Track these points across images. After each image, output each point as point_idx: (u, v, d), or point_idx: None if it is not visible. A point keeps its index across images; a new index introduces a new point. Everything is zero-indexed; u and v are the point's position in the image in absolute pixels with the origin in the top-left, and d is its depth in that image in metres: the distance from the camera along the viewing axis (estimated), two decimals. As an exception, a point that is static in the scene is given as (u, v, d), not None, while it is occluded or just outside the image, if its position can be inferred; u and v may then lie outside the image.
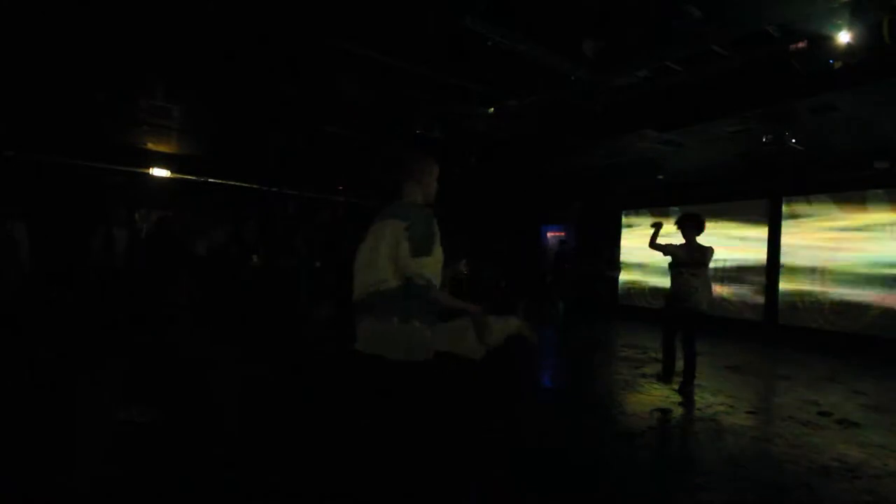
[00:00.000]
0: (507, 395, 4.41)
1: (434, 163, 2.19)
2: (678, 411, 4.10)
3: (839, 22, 3.97)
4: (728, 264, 9.13)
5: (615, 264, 10.11)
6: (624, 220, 11.24)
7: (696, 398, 4.49)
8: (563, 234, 11.95)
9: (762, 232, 8.84)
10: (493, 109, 6.51)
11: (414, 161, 2.16)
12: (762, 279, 8.74)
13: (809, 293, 8.10)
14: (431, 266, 1.94)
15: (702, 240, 4.58)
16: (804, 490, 2.71)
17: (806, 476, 2.89)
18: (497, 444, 3.28)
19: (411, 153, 2.22)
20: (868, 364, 6.29)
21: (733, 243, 9.14)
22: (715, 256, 4.54)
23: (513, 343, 2.20)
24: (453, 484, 2.48)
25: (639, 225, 10.71)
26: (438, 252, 1.97)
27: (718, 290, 8.91)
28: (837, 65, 4.29)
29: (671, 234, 4.73)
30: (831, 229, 7.97)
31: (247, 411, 3.56)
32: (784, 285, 8.44)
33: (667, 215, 7.65)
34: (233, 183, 9.11)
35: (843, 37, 4.07)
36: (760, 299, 8.77)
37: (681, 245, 4.58)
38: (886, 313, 7.23)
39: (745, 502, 2.58)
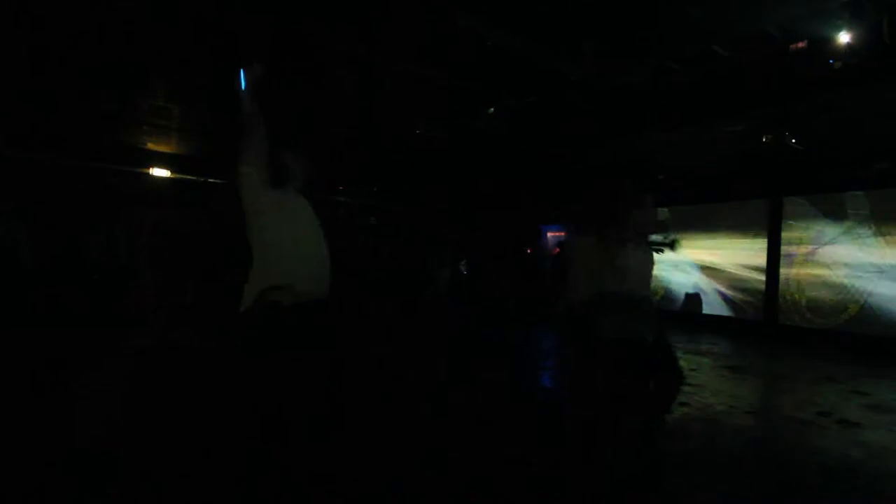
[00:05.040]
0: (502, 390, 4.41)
1: None
2: (678, 411, 4.10)
3: (839, 22, 3.98)
4: (728, 264, 9.12)
5: None
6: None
7: (696, 398, 4.48)
8: (563, 233, 11.92)
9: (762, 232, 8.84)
10: (493, 109, 6.51)
11: None
12: (762, 279, 8.74)
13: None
14: None
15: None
16: (804, 490, 2.71)
17: (806, 476, 2.89)
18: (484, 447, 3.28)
19: None
20: (868, 364, 6.28)
21: (733, 243, 9.14)
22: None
23: None
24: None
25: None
26: None
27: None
28: (837, 65, 4.29)
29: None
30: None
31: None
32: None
33: (665, 216, 7.63)
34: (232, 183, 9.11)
35: (843, 37, 4.08)
36: (760, 299, 8.77)
37: None
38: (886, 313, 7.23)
39: (745, 502, 2.58)
